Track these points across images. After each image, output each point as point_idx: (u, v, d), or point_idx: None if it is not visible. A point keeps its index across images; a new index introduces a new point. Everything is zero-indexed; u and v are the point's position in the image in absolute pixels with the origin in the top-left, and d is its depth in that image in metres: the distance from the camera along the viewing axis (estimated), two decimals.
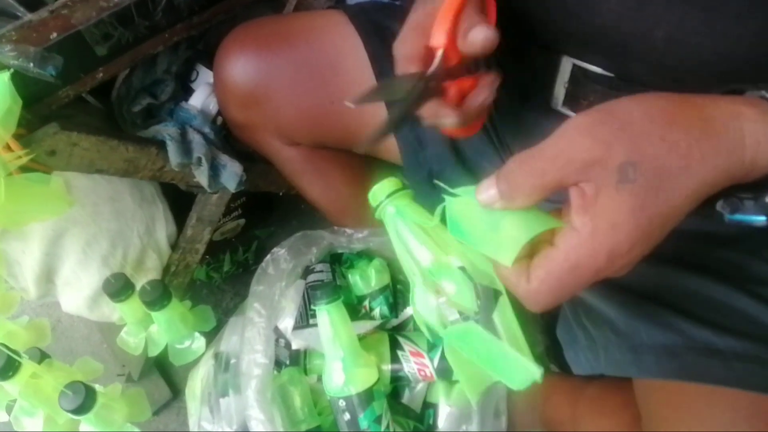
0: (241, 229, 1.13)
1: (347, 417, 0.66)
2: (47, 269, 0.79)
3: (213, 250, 1.08)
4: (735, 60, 0.44)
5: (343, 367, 0.66)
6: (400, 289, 0.87)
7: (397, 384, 0.79)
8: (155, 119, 0.86)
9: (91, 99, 0.87)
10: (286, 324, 0.75)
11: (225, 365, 0.80)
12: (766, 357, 0.50)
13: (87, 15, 0.64)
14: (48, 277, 0.81)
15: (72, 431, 0.69)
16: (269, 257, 0.79)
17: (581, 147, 0.35)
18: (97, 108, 0.87)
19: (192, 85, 0.90)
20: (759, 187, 0.39)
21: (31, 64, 0.59)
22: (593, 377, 0.64)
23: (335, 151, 0.79)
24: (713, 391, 0.51)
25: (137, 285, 0.77)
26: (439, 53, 0.46)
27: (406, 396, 0.79)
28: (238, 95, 0.73)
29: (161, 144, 0.78)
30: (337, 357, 0.66)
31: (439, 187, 0.44)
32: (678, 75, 0.47)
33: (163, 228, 0.89)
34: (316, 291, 0.67)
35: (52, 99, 0.68)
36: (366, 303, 0.83)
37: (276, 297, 0.75)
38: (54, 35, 0.63)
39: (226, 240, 1.12)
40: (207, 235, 0.94)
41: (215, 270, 1.19)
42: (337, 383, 0.66)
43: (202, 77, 0.89)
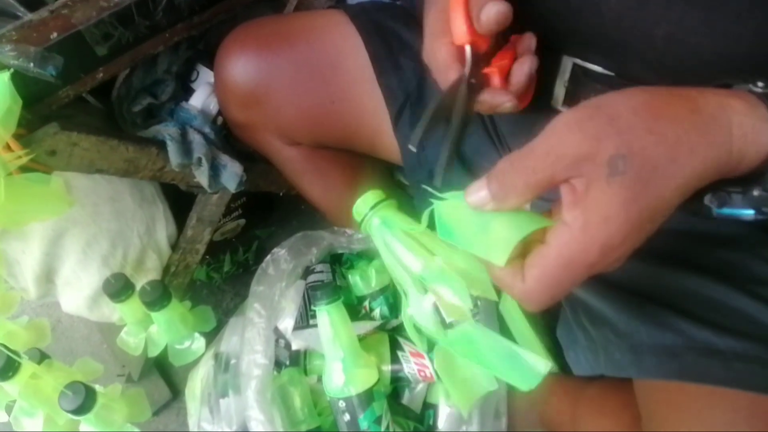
0: (242, 230, 1.13)
1: (347, 418, 0.66)
2: (47, 269, 0.79)
3: (213, 250, 1.08)
4: (734, 59, 0.44)
5: (343, 368, 0.66)
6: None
7: (397, 384, 0.79)
8: (155, 119, 0.86)
9: (92, 99, 0.87)
10: (286, 324, 0.75)
11: (225, 366, 0.80)
12: (766, 357, 0.50)
13: (87, 15, 0.64)
14: (48, 277, 0.81)
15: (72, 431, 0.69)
16: (269, 257, 0.79)
17: (571, 143, 0.35)
18: (98, 108, 0.87)
19: (192, 85, 0.90)
20: (747, 181, 0.39)
21: (32, 64, 0.59)
22: (593, 378, 0.63)
23: (336, 151, 0.79)
24: (713, 392, 0.51)
25: (137, 285, 0.77)
26: (468, 49, 0.46)
27: (406, 396, 0.79)
28: (238, 95, 0.73)
29: (161, 144, 0.78)
30: (337, 357, 0.66)
31: (439, 188, 0.43)
32: (678, 74, 0.47)
33: (164, 228, 0.89)
34: (316, 291, 0.67)
35: (52, 99, 0.68)
36: (366, 303, 0.83)
37: (276, 297, 0.75)
38: (54, 35, 0.63)
39: (226, 240, 1.12)
40: (207, 236, 0.94)
41: (215, 270, 1.19)
42: (337, 384, 0.66)
43: (202, 77, 0.89)
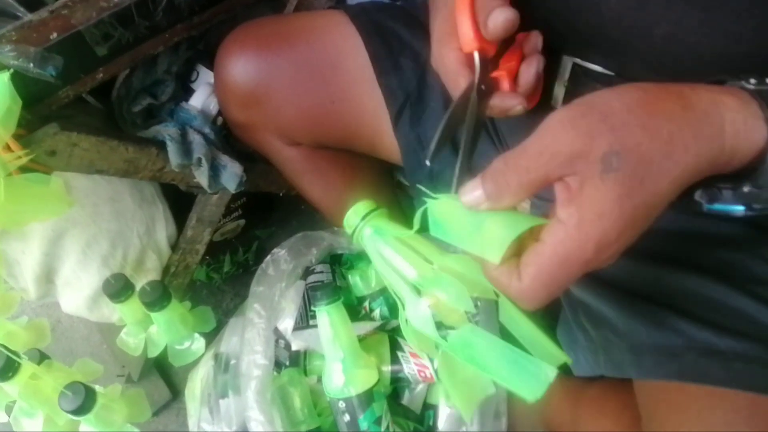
0: (242, 230, 1.13)
1: (347, 418, 0.66)
2: (47, 269, 0.79)
3: (213, 250, 1.08)
4: (734, 59, 0.44)
5: (343, 368, 0.66)
6: None
7: (397, 385, 0.79)
8: (155, 119, 0.86)
9: (91, 99, 0.87)
10: (286, 325, 0.75)
11: (225, 366, 0.80)
12: (766, 357, 0.50)
13: (87, 15, 0.64)
14: (48, 278, 0.81)
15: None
16: (269, 258, 0.79)
17: (564, 141, 0.35)
18: (97, 108, 0.87)
19: (192, 86, 0.89)
20: (738, 177, 0.39)
21: (31, 64, 0.59)
22: (593, 378, 0.63)
23: (336, 151, 0.79)
24: (713, 392, 0.51)
25: (137, 286, 0.77)
26: (476, 56, 0.46)
27: (406, 397, 0.79)
28: (238, 95, 0.73)
29: (161, 144, 0.78)
30: (337, 358, 0.66)
31: (439, 188, 0.43)
32: (677, 73, 0.47)
33: (163, 229, 0.89)
34: (316, 292, 0.66)
35: (52, 99, 0.68)
36: (366, 304, 0.83)
37: (276, 298, 0.75)
38: (54, 35, 0.63)
39: (226, 240, 1.12)
40: (207, 236, 0.94)
41: (215, 271, 1.19)
42: (337, 384, 0.66)
43: (202, 77, 0.89)
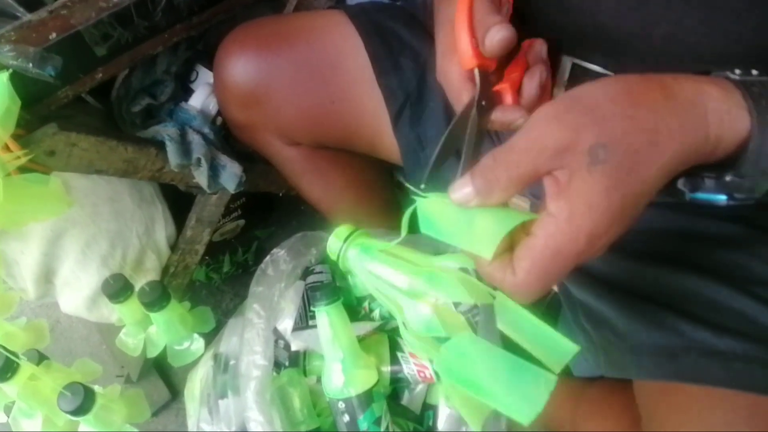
0: (241, 230, 1.13)
1: (346, 418, 0.66)
2: (46, 270, 0.79)
3: (212, 250, 1.08)
4: (734, 58, 0.44)
5: (343, 369, 0.65)
6: None
7: (397, 385, 0.79)
8: (155, 120, 0.86)
9: (91, 99, 0.87)
10: (285, 325, 0.75)
11: (224, 366, 0.80)
12: (766, 358, 0.50)
13: (86, 15, 0.64)
14: (47, 278, 0.81)
15: None
16: (269, 258, 0.79)
17: (551, 135, 0.36)
18: (97, 108, 0.87)
19: (192, 86, 0.89)
20: (721, 167, 0.39)
21: (30, 64, 0.59)
22: (593, 378, 0.63)
23: (335, 151, 0.79)
24: (713, 392, 0.51)
25: (136, 286, 0.77)
26: (476, 72, 0.46)
27: (405, 397, 0.79)
28: (238, 95, 0.73)
29: (161, 145, 0.77)
30: (337, 358, 0.66)
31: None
32: (677, 73, 0.47)
33: (163, 229, 0.89)
34: (315, 292, 0.66)
35: (51, 99, 0.68)
36: (366, 304, 0.83)
37: (275, 298, 0.75)
38: (53, 35, 0.63)
39: (225, 241, 1.12)
40: (206, 236, 0.94)
41: (215, 271, 1.19)
42: (337, 385, 0.66)
43: (201, 78, 0.89)
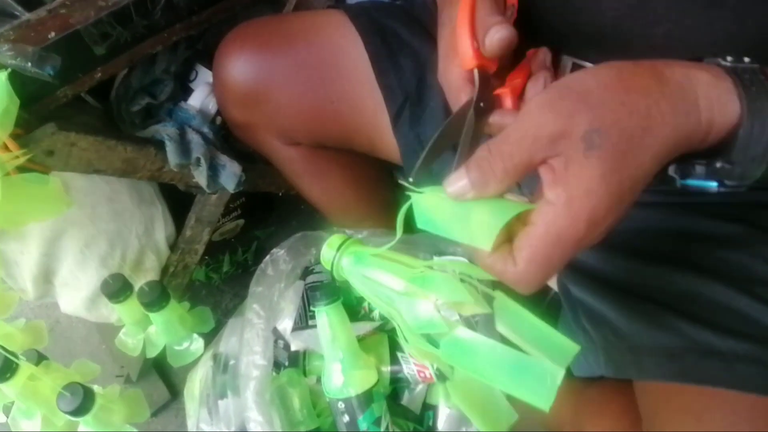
0: (241, 230, 1.13)
1: (346, 419, 0.66)
2: (45, 270, 0.79)
3: (212, 250, 1.08)
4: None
5: (343, 369, 0.65)
6: None
7: (397, 385, 0.79)
8: (154, 119, 0.86)
9: (90, 99, 0.87)
10: (285, 325, 0.75)
11: (224, 366, 0.80)
12: (766, 358, 0.50)
13: (85, 14, 0.64)
14: (46, 278, 0.81)
15: None
16: (268, 258, 0.78)
17: (545, 123, 0.36)
18: (96, 108, 0.87)
19: (191, 85, 0.89)
20: (711, 153, 0.39)
21: (29, 63, 0.59)
22: (594, 379, 0.63)
23: (335, 151, 0.79)
24: (714, 393, 0.51)
25: (136, 286, 0.77)
26: (475, 73, 0.46)
27: (405, 397, 0.79)
28: (237, 95, 0.73)
29: (160, 144, 0.77)
30: (337, 358, 0.65)
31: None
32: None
33: (162, 229, 0.89)
34: (315, 292, 0.66)
35: (50, 99, 0.68)
36: (365, 304, 0.83)
37: (275, 298, 0.75)
38: (52, 35, 0.62)
39: (225, 240, 1.12)
40: (206, 236, 0.93)
41: (214, 271, 1.19)
42: (336, 385, 0.66)
43: (201, 77, 0.89)
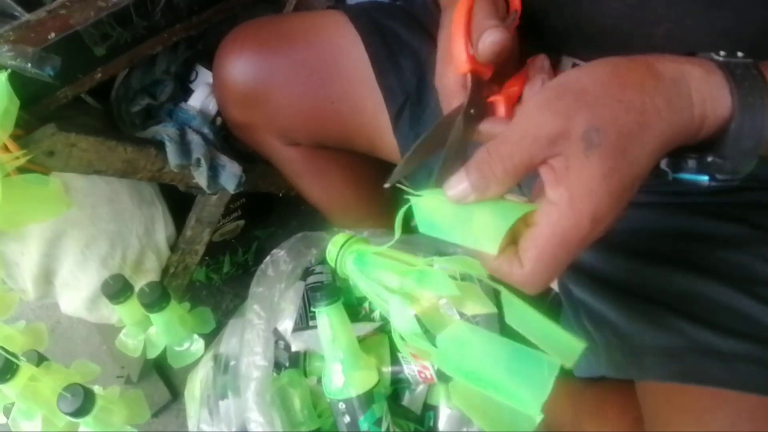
0: (241, 230, 1.13)
1: (347, 419, 0.66)
2: (46, 270, 0.79)
3: (212, 251, 1.08)
4: None
5: (343, 369, 0.65)
6: None
7: (398, 386, 0.79)
8: (154, 120, 0.86)
9: (90, 100, 0.87)
10: (285, 326, 0.75)
11: (224, 367, 0.80)
12: (767, 359, 0.50)
13: (85, 15, 0.64)
14: (46, 279, 0.81)
15: None
16: (269, 259, 0.78)
17: (543, 124, 0.36)
18: (96, 109, 0.87)
19: (191, 86, 0.89)
20: (703, 147, 0.39)
21: (29, 64, 0.59)
22: (595, 379, 0.63)
23: (335, 151, 0.79)
24: (715, 393, 0.51)
25: (136, 287, 0.77)
26: (468, 78, 0.45)
27: (406, 398, 0.79)
28: (238, 95, 0.73)
29: (160, 145, 0.77)
30: (337, 359, 0.65)
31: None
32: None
33: (162, 229, 0.89)
34: (315, 293, 0.66)
35: (50, 99, 0.68)
36: (366, 305, 0.83)
37: (275, 299, 0.75)
38: (52, 35, 0.62)
39: (225, 241, 1.12)
40: (206, 237, 0.93)
41: (215, 271, 1.19)
42: (337, 385, 0.66)
43: (201, 78, 0.89)
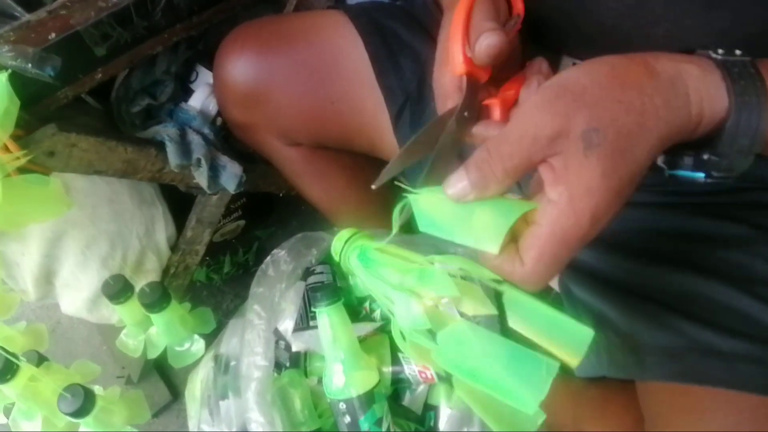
0: (241, 231, 1.13)
1: (348, 419, 0.66)
2: (46, 271, 0.79)
3: (213, 251, 1.08)
4: None
5: (344, 370, 0.65)
6: None
7: (398, 386, 0.79)
8: (154, 120, 0.86)
9: (90, 100, 0.87)
10: (286, 326, 0.75)
11: (225, 367, 0.80)
12: (767, 358, 0.50)
13: (86, 15, 0.64)
14: (47, 279, 0.81)
15: None
16: (269, 259, 0.78)
17: (543, 123, 0.36)
18: (96, 109, 0.87)
19: (191, 86, 0.89)
20: (699, 145, 0.40)
21: (30, 64, 0.59)
22: (595, 379, 0.63)
23: (335, 151, 0.79)
24: (716, 393, 0.51)
25: (136, 287, 0.77)
26: (464, 80, 0.45)
27: (407, 398, 0.79)
28: (238, 95, 0.73)
29: (160, 145, 0.77)
30: (338, 359, 0.65)
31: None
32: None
33: (163, 229, 0.89)
34: (316, 293, 0.66)
35: (50, 100, 0.68)
36: (366, 305, 0.83)
37: (276, 299, 0.75)
38: (52, 36, 0.62)
39: (226, 241, 1.12)
40: (207, 237, 0.93)
41: (215, 271, 1.19)
42: (338, 385, 0.66)
43: (201, 78, 0.89)
